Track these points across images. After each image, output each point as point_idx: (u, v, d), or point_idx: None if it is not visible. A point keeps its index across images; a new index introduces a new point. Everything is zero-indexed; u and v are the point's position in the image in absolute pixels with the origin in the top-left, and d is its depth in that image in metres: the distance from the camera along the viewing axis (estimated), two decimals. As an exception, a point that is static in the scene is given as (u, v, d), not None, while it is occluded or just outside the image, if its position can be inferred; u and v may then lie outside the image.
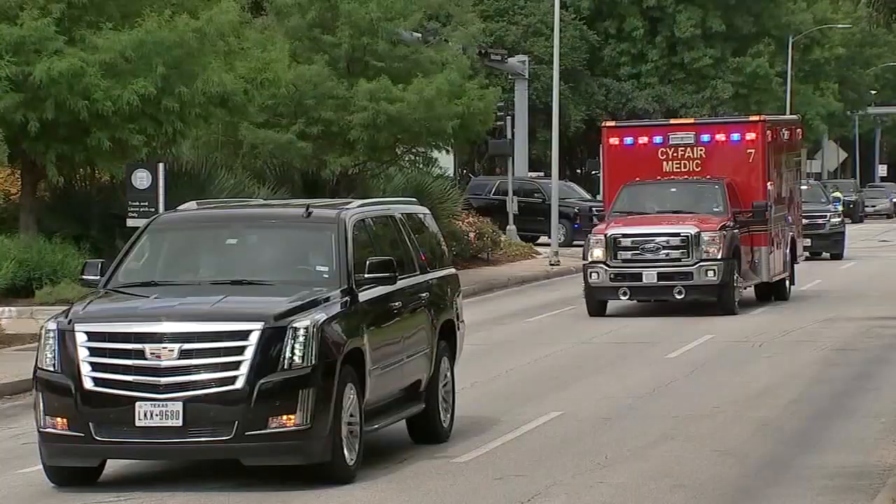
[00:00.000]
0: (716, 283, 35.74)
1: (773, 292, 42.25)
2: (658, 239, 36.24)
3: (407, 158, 72.15)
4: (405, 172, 75.11)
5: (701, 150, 40.00)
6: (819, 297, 54.09)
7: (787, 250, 43.03)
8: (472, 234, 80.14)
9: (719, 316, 47.02)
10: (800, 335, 42.49)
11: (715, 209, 37.49)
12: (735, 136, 40.27)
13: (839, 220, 69.12)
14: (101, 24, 51.42)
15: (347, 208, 24.64)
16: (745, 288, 38.68)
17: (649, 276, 36.17)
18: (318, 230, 24.14)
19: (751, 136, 39.84)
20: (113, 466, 23.70)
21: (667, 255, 36.38)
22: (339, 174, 67.88)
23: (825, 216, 73.57)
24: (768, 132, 40.21)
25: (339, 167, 65.65)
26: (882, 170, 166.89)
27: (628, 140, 41.35)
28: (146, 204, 49.30)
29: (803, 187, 72.05)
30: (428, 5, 72.97)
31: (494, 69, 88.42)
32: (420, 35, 71.57)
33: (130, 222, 48.73)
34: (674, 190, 38.76)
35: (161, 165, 50.70)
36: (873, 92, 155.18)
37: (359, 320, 22.59)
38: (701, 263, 35.78)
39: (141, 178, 50.13)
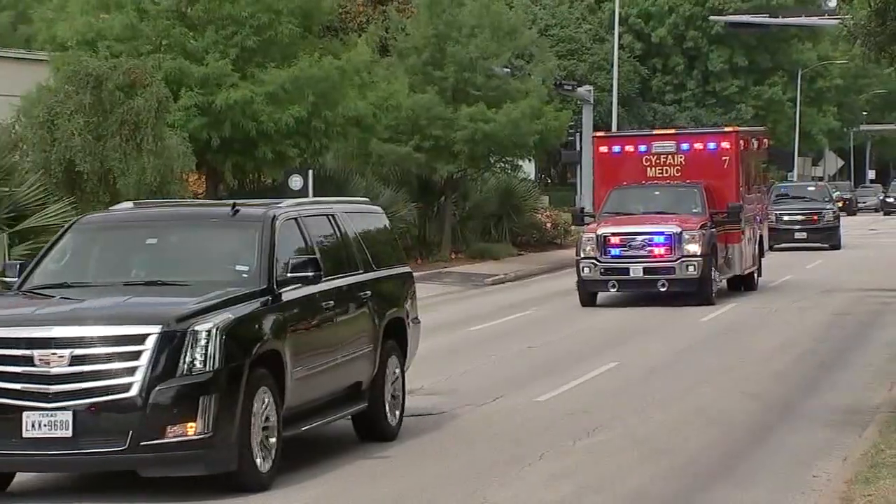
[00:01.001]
0: (696, 277, 34.61)
1: (743, 284, 40.78)
2: (643, 237, 35.17)
3: (498, 166, 72.39)
4: (497, 177, 75.16)
5: (681, 157, 38.64)
6: (821, 274, 53.80)
7: (756, 246, 41.66)
8: (548, 224, 79.56)
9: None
10: (805, 304, 42.51)
11: (694, 210, 36.25)
12: (711, 145, 39.11)
13: (835, 214, 65.98)
14: (266, 64, 52.32)
15: (278, 207, 20.84)
16: (720, 281, 37.35)
17: (636, 271, 35.10)
18: (243, 229, 20.21)
19: (725, 144, 39.04)
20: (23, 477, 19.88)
21: (651, 251, 35.16)
22: (446, 178, 68.20)
23: (825, 212, 70.03)
24: (740, 141, 39.26)
25: (446, 173, 66.58)
26: (871, 174, 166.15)
27: (616, 149, 40.35)
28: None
29: (810, 188, 75.71)
30: (515, 47, 72.96)
31: (566, 96, 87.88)
32: (509, 70, 71.71)
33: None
34: (657, 193, 37.50)
35: (310, 171, 51.41)
36: (865, 113, 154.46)
37: (279, 321, 18.67)
38: (682, 259, 34.48)
39: (296, 181, 50.89)
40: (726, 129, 42.32)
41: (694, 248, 33.81)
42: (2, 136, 36.47)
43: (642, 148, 38.85)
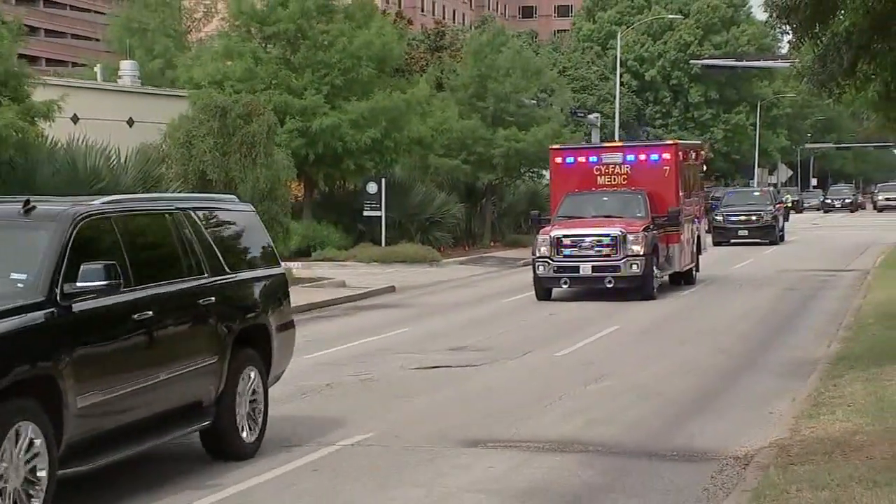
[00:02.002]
0: (639, 275, 32.29)
1: (683, 279, 38.06)
2: (592, 238, 32.75)
3: (527, 175, 72.49)
4: (526, 183, 75.04)
5: (627, 167, 36.19)
6: (772, 260, 53.29)
7: (695, 245, 38.96)
8: None
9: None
10: (761, 283, 42.36)
11: (638, 214, 33.73)
12: (654, 157, 36.59)
13: (773, 215, 62.92)
14: (350, 98, 52.70)
15: (81, 204, 14.83)
16: (661, 277, 34.79)
17: (585, 269, 32.76)
18: (33, 230, 14.26)
19: (666, 156, 36.50)
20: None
21: (599, 251, 32.68)
22: (487, 184, 68.17)
23: (765, 213, 67.52)
24: (679, 153, 36.97)
25: (487, 180, 66.87)
26: (814, 181, 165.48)
27: (570, 159, 37.61)
28: (375, 203, 51.09)
29: (755, 193, 72.05)
30: (539, 84, 73.04)
31: (579, 121, 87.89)
32: (535, 101, 71.84)
33: (365, 213, 51.03)
34: (605, 199, 35.00)
35: (383, 179, 52.00)
36: (809, 134, 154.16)
37: (58, 340, 12.90)
38: (626, 258, 32.13)
39: (372, 187, 51.69)
40: (667, 142, 40.26)
41: (637, 248, 32.14)
42: (153, 153, 36.69)
43: (593, 159, 36.72)
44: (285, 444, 16.34)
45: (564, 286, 33.43)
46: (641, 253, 32.32)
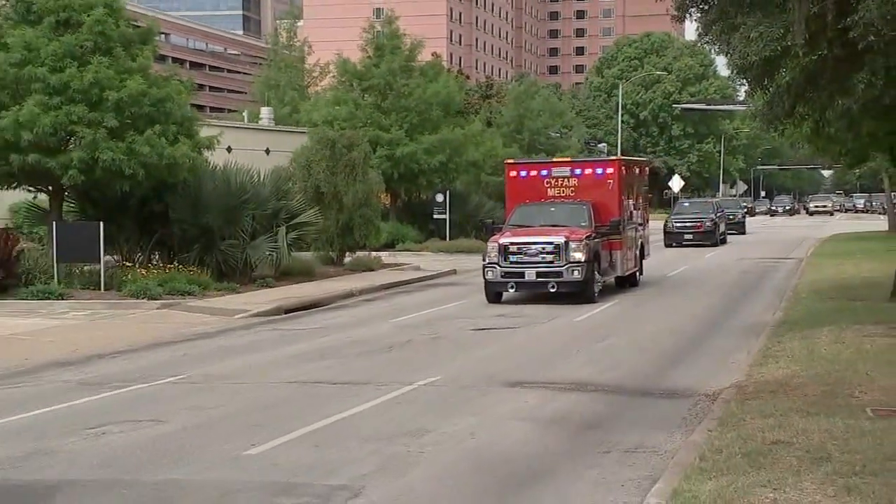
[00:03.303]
0: (580, 280, 27.55)
1: (627, 282, 32.72)
2: (537, 246, 27.94)
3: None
4: None
5: (574, 180, 31.21)
6: (730, 252, 52.91)
7: (638, 251, 33.84)
8: None
9: (701, 250, 49.35)
10: (724, 266, 42.12)
11: (582, 224, 29.05)
12: (599, 171, 31.62)
13: (714, 222, 56.71)
14: (423, 132, 52.95)
15: None
16: (602, 283, 29.51)
17: (530, 275, 27.88)
18: None
19: (609, 170, 31.45)
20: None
21: (543, 258, 27.85)
22: None
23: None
24: (622, 168, 32.03)
25: None
26: (763, 193, 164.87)
27: (523, 173, 32.21)
28: (441, 209, 51.08)
29: (701, 203, 65.43)
30: (562, 121, 73.71)
31: (591, 149, 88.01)
32: (559, 134, 72.06)
33: (435, 216, 51.12)
34: (553, 209, 30.14)
35: (447, 192, 51.97)
36: (759, 159, 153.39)
37: None
38: (568, 265, 27.44)
39: (439, 197, 51.57)
40: (611, 157, 34.96)
41: (578, 255, 27.55)
42: (283, 173, 36.84)
43: (544, 172, 31.74)
44: (377, 384, 16.29)
45: (511, 290, 28.87)
46: (583, 260, 27.71)
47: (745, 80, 22.86)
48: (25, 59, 28.77)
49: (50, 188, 30.92)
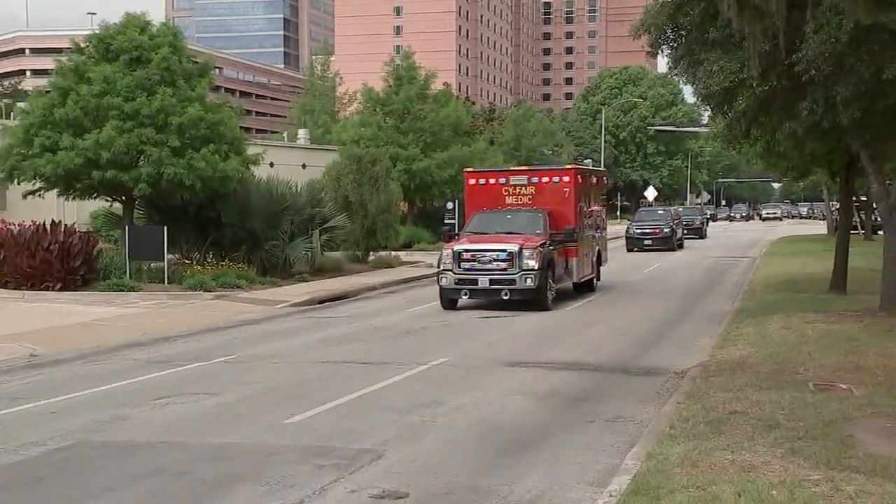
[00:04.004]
0: (533, 288, 24.23)
1: (584, 287, 28.83)
2: (490, 253, 24.55)
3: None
4: None
5: (532, 188, 27.66)
6: (697, 249, 52.96)
7: (595, 258, 30.07)
8: None
9: (666, 252, 48.23)
10: (690, 264, 42.04)
11: (536, 231, 25.63)
12: (555, 179, 27.81)
13: (672, 229, 53.41)
14: (436, 150, 52.89)
15: None
16: (556, 290, 25.80)
17: (483, 282, 24.42)
18: None
19: (566, 179, 27.65)
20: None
21: (497, 265, 24.46)
22: None
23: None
24: (578, 176, 28.26)
25: None
26: (723, 202, 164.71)
27: (482, 181, 28.60)
28: (451, 215, 50.11)
29: (660, 211, 61.02)
30: (553, 140, 73.64)
31: (600, 168, 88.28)
32: (551, 151, 71.97)
33: (446, 221, 50.06)
34: (509, 217, 26.71)
35: (456, 201, 51.26)
36: (720, 173, 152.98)
37: None
38: (522, 272, 24.10)
39: (449, 205, 51.01)
40: (567, 166, 30.50)
41: (532, 263, 24.17)
42: (317, 185, 36.93)
43: (502, 181, 28.17)
44: (398, 364, 16.29)
45: (465, 297, 25.17)
46: (536, 267, 24.24)
47: (708, 107, 22.91)
48: (104, 91, 28.95)
49: (123, 198, 31.09)
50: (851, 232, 30.44)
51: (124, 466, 9.95)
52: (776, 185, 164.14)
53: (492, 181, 28.05)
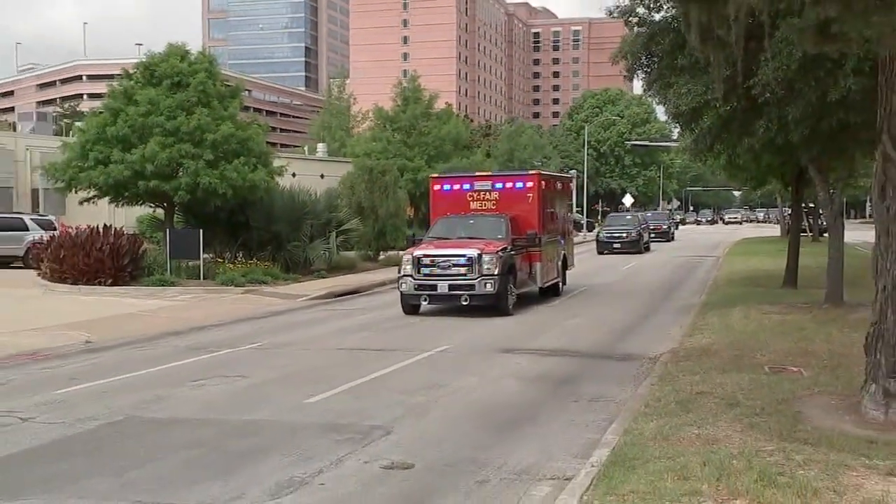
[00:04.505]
0: (493, 293, 21.59)
1: (550, 291, 26.12)
2: (449, 259, 21.71)
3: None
4: None
5: (496, 194, 24.89)
6: (665, 251, 52.77)
7: (560, 262, 27.16)
8: None
9: (634, 254, 47.62)
10: (662, 263, 42.04)
11: (499, 236, 22.70)
12: (519, 184, 25.00)
13: (639, 233, 50.75)
14: (438, 161, 52.55)
15: None
16: (515, 296, 22.86)
17: (442, 287, 21.62)
18: None
19: (529, 184, 24.88)
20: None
21: (456, 271, 21.65)
22: None
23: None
24: (542, 182, 25.38)
25: None
26: (691, 208, 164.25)
27: (447, 187, 25.63)
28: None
29: (628, 217, 57.93)
30: (542, 153, 73.62)
31: (564, 174, 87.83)
32: (540, 163, 71.82)
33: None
34: (472, 222, 23.79)
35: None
36: (688, 182, 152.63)
37: None
38: (481, 278, 21.39)
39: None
40: (530, 171, 27.08)
41: (491, 268, 21.49)
42: (334, 193, 36.97)
43: (466, 186, 25.33)
44: (405, 350, 16.30)
45: (425, 303, 22.31)
46: (496, 273, 21.57)
47: (677, 124, 22.94)
48: (149, 111, 29.01)
49: (164, 204, 31.11)
50: (801, 234, 30.55)
51: (166, 439, 10.00)
52: (737, 193, 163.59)
53: (456, 187, 25.30)
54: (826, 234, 29.09)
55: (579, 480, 7.83)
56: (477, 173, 27.62)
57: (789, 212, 39.17)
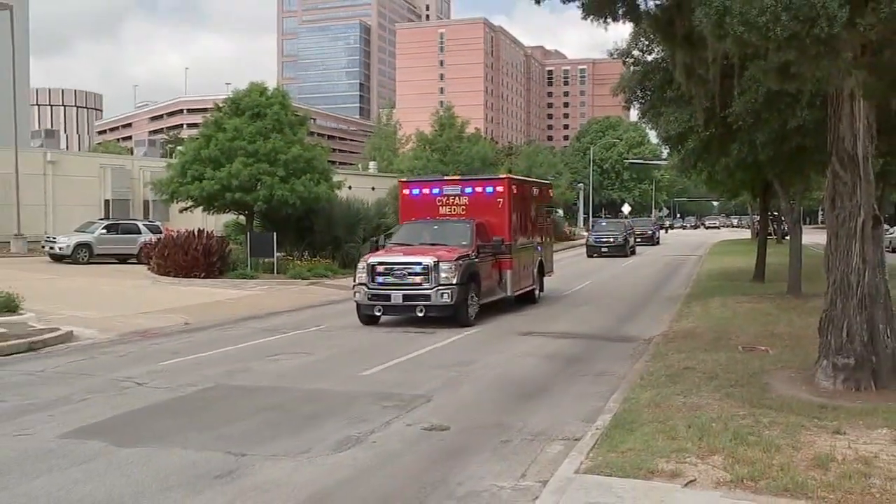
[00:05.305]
0: (450, 304, 17.06)
1: (526, 298, 21.23)
2: (403, 267, 17.38)
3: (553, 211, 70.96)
4: (553, 216, 71.58)
5: (465, 198, 20.05)
6: (654, 252, 52.79)
7: (535, 269, 22.09)
8: (567, 231, 73.91)
9: (620, 258, 45.12)
10: (651, 261, 41.74)
11: (463, 243, 18.16)
12: (489, 189, 20.07)
13: (625, 238, 46.26)
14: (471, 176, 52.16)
15: None
16: (478, 306, 18.02)
17: (396, 297, 17.27)
18: None
19: (499, 189, 19.97)
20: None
21: (411, 280, 17.28)
22: None
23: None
24: (513, 187, 20.49)
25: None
26: (679, 215, 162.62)
27: (415, 191, 20.84)
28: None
29: (614, 222, 53.73)
30: (555, 170, 73.26)
31: (574, 188, 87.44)
32: (553, 177, 71.52)
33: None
34: (436, 227, 19.23)
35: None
36: (676, 193, 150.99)
37: None
38: (438, 287, 17.02)
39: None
40: (500, 175, 22.19)
41: (449, 277, 17.05)
42: (382, 202, 36.96)
43: (435, 191, 20.56)
44: (440, 332, 16.29)
45: (378, 313, 17.59)
46: (454, 282, 17.07)
47: (667, 146, 22.81)
48: (234, 137, 29.28)
49: (246, 212, 31.34)
50: (767, 237, 30.32)
51: (248, 403, 10.07)
52: (715, 203, 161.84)
53: (425, 191, 20.76)
54: (787, 237, 28.83)
55: (586, 440, 7.84)
56: (446, 178, 22.68)
57: (758, 218, 38.78)
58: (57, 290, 23.39)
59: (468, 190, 20.32)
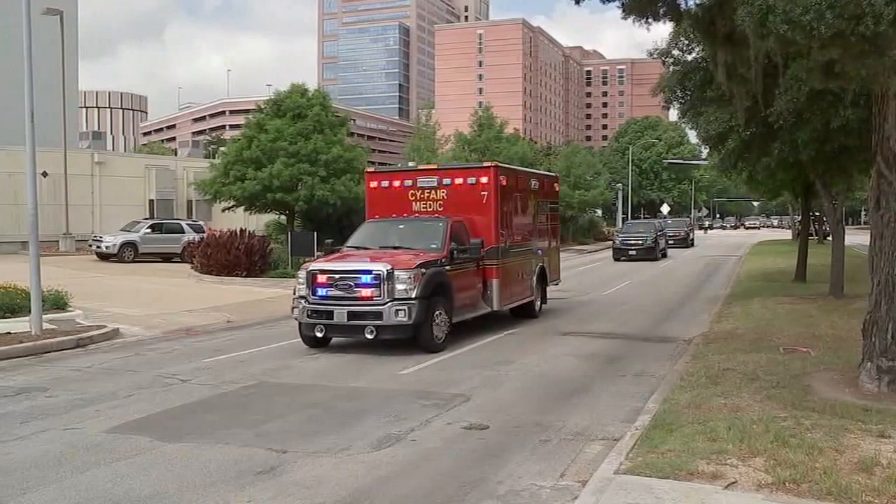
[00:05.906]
0: (408, 323, 12.85)
1: (523, 312, 17.95)
2: (349, 276, 13.05)
3: (589, 211, 70.04)
4: (587, 215, 70.08)
5: (443, 192, 16.02)
6: (691, 255, 52.18)
7: (534, 278, 18.28)
8: (605, 231, 72.30)
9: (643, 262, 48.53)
10: (691, 260, 41.36)
11: (432, 246, 14.17)
12: (471, 180, 15.88)
13: (654, 240, 42.07)
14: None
15: None
16: (448, 326, 13.97)
17: (340, 315, 12.94)
18: None
19: (484, 179, 15.76)
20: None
21: (358, 293, 12.94)
22: (570, 215, 61.32)
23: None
24: (501, 177, 16.00)
25: (570, 214, 60.80)
26: (718, 215, 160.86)
27: (384, 183, 16.79)
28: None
29: (644, 224, 49.72)
30: (595, 170, 72.64)
31: (612, 188, 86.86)
32: (592, 177, 70.98)
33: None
34: (402, 227, 15.24)
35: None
36: (716, 194, 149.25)
37: None
38: (392, 302, 12.79)
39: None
40: (486, 164, 16.37)
41: (407, 289, 12.94)
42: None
43: (408, 182, 16.60)
44: (480, 332, 16.22)
45: (319, 335, 13.63)
46: (413, 296, 13.04)
47: (706, 146, 22.51)
48: (276, 138, 29.55)
49: (287, 212, 31.65)
50: (809, 238, 29.89)
51: (290, 400, 10.15)
52: (756, 203, 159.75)
53: (396, 183, 16.93)
54: (829, 238, 28.38)
55: (626, 441, 7.78)
56: (420, 167, 18.47)
57: (799, 219, 38.22)
58: (103, 289, 23.78)
59: (446, 181, 16.41)
